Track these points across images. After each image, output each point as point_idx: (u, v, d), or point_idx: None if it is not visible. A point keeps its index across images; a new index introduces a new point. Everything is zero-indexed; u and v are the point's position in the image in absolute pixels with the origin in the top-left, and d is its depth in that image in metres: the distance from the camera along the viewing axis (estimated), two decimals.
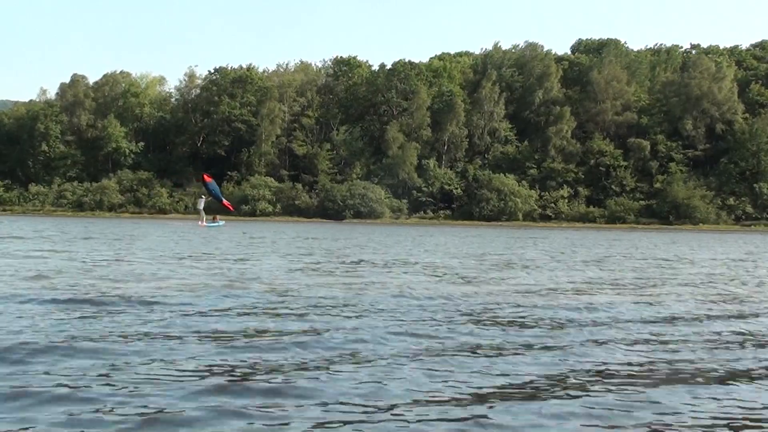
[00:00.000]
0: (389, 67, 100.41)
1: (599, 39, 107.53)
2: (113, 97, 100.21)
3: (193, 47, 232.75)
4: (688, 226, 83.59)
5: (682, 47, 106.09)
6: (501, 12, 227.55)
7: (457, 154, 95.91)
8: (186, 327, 6.73)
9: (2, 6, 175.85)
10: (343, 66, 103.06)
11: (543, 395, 4.75)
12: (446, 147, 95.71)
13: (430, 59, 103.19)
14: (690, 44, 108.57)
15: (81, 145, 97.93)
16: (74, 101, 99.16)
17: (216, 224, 43.18)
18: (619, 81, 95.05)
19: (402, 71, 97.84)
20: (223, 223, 45.47)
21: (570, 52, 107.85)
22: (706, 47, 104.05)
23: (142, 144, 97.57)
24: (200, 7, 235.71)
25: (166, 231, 35.03)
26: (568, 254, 22.25)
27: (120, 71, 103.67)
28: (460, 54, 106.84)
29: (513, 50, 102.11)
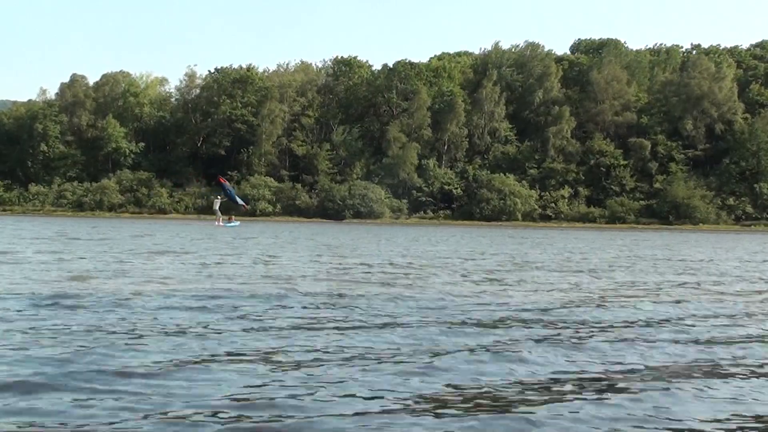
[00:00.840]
0: (389, 67, 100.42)
1: (599, 39, 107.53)
2: (113, 97, 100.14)
3: (193, 47, 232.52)
4: (688, 226, 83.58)
5: (683, 47, 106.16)
6: (501, 12, 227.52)
7: (457, 154, 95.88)
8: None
9: (2, 6, 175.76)
10: (344, 66, 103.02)
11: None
12: (446, 147, 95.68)
13: (430, 59, 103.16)
14: (690, 44, 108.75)
15: (81, 145, 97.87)
16: (74, 101, 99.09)
17: (232, 224, 44.21)
18: (619, 81, 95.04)
19: (402, 71, 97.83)
20: (239, 224, 46.48)
21: (570, 52, 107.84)
22: (706, 47, 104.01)
23: (142, 144, 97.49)
24: (200, 7, 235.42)
25: (204, 231, 35.13)
26: (604, 257, 21.77)
27: (120, 71, 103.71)
28: (460, 54, 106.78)
29: (513, 50, 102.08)
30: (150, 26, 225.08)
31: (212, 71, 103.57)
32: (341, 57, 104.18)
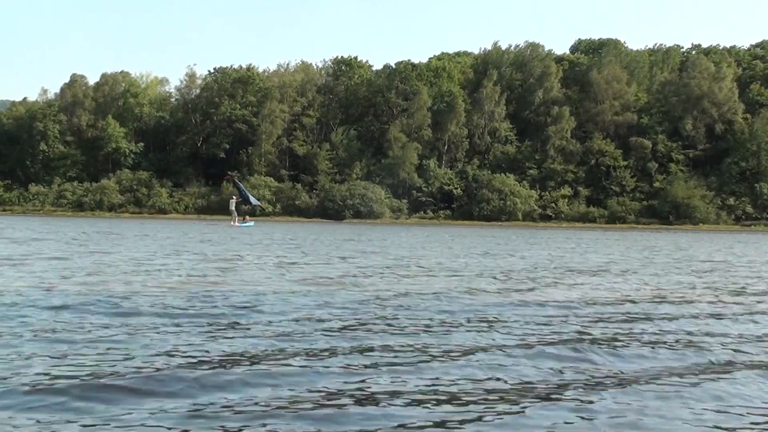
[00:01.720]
0: (390, 68, 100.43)
1: (599, 39, 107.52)
2: (113, 97, 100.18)
3: (193, 47, 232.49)
4: (688, 226, 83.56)
5: (683, 47, 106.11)
6: (501, 12, 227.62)
7: (458, 154, 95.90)
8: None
9: (2, 6, 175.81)
10: (344, 66, 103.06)
11: None
12: (446, 147, 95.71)
13: (430, 59, 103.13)
14: (691, 44, 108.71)
15: (81, 145, 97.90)
16: (74, 101, 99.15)
17: (247, 224, 44.73)
18: (619, 81, 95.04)
19: (402, 71, 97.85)
20: (253, 224, 46.90)
21: (570, 52, 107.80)
22: (706, 47, 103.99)
23: (142, 144, 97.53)
24: (200, 7, 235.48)
25: (226, 230, 35.06)
26: (633, 257, 21.19)
27: (120, 71, 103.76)
28: (460, 54, 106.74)
29: (512, 50, 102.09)
30: (150, 26, 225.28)
31: (212, 71, 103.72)
32: (341, 57, 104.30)
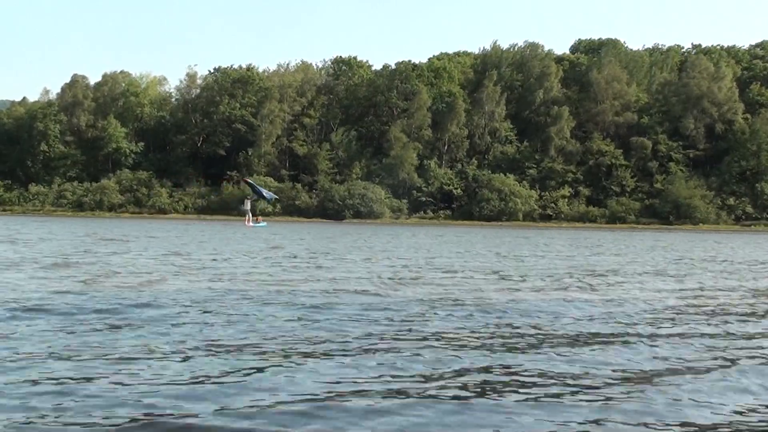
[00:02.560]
0: (390, 68, 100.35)
1: (599, 39, 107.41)
2: (113, 97, 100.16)
3: (193, 47, 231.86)
4: (688, 226, 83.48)
5: (683, 47, 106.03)
6: (501, 12, 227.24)
7: (458, 154, 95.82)
8: None
9: (2, 6, 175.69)
10: (344, 66, 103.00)
11: None
12: (446, 147, 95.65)
13: (430, 59, 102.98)
14: (691, 44, 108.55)
15: (81, 145, 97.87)
16: (74, 101, 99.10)
17: (260, 224, 44.62)
18: (619, 81, 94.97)
19: (403, 72, 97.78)
20: (266, 224, 46.80)
21: (570, 52, 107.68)
22: (706, 47, 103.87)
23: (142, 144, 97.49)
24: (200, 7, 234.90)
25: (251, 232, 35.29)
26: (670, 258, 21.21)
27: (120, 71, 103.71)
28: (460, 54, 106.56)
29: (512, 50, 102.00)
30: (150, 26, 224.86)
31: (212, 71, 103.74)
32: (341, 57, 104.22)
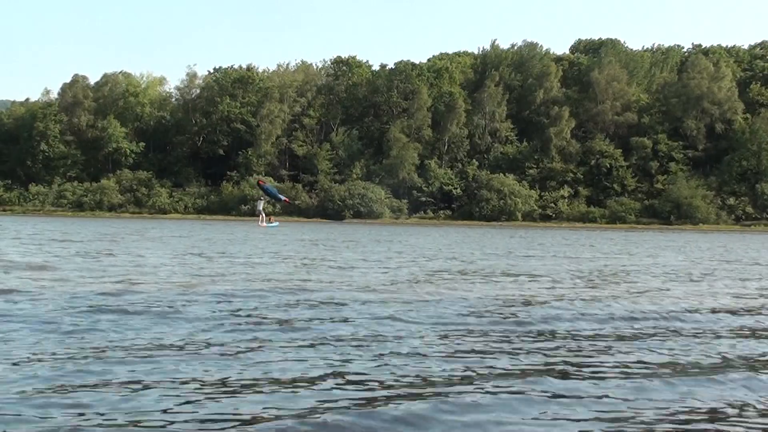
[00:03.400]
0: (390, 68, 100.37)
1: (599, 39, 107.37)
2: (113, 98, 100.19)
3: (193, 47, 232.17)
4: (688, 226, 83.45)
5: (683, 47, 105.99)
6: (500, 12, 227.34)
7: (458, 155, 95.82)
8: None
9: (3, 6, 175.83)
10: (344, 66, 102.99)
11: None
12: (447, 147, 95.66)
13: (429, 59, 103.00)
14: (691, 44, 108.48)
15: (81, 145, 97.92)
16: (74, 101, 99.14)
17: (273, 225, 44.57)
18: (619, 81, 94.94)
19: (403, 71, 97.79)
20: (278, 224, 46.77)
21: (570, 52, 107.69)
22: (706, 47, 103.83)
23: (142, 144, 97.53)
24: (200, 7, 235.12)
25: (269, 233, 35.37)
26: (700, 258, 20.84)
27: (120, 71, 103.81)
28: (460, 54, 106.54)
29: (512, 50, 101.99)
30: (150, 26, 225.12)
31: (212, 71, 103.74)
32: (341, 57, 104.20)
